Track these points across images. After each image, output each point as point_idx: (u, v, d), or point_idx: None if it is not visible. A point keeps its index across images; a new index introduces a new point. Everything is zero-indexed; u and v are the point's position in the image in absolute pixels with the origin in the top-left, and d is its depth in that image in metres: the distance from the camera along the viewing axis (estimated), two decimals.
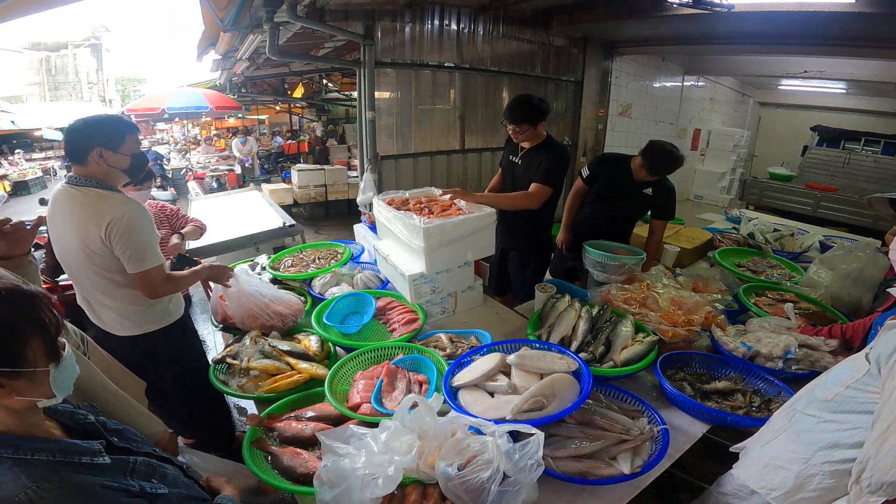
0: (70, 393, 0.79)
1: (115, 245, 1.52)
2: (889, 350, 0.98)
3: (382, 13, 3.93)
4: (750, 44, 4.66)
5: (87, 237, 1.52)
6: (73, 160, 1.55)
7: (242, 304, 1.81)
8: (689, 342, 1.76)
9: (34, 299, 0.73)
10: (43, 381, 0.73)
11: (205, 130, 14.61)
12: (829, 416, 1.09)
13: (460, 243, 2.03)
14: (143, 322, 1.74)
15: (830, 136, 7.81)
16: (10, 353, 0.69)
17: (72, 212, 1.53)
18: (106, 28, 20.20)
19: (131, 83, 29.70)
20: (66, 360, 0.77)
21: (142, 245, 1.55)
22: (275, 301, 1.87)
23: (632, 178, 2.51)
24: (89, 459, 0.76)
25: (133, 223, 1.53)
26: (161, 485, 0.83)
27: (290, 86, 10.21)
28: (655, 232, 2.63)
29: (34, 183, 11.06)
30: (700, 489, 1.66)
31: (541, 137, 2.42)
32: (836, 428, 1.07)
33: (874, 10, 3.11)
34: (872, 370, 1.02)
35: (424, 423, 1.09)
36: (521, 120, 2.31)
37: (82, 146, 1.52)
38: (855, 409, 1.05)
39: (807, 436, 1.12)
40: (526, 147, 2.46)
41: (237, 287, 1.82)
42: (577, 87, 5.73)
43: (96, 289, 1.65)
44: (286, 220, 3.60)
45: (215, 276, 1.83)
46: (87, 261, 1.57)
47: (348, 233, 3.68)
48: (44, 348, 0.72)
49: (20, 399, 0.71)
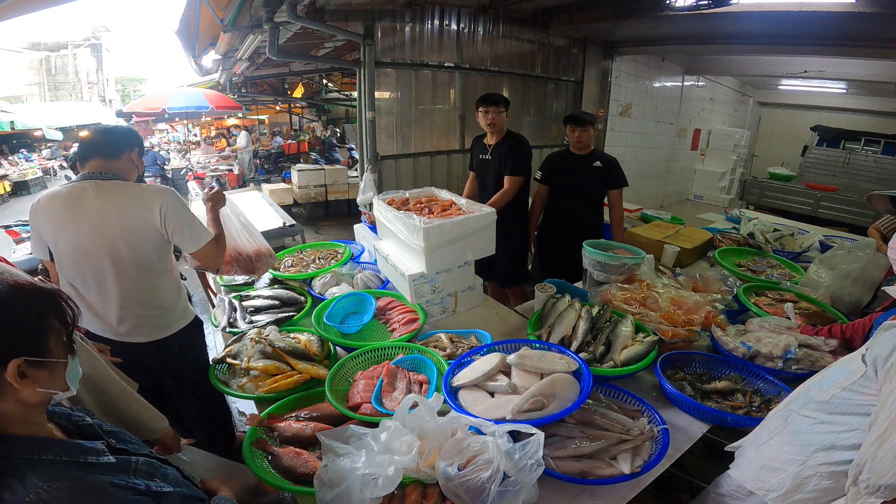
0: (76, 389, 0.81)
1: (171, 227, 1.58)
2: (886, 352, 0.97)
3: (382, 13, 3.93)
4: (750, 44, 4.66)
5: (133, 224, 1.54)
6: (106, 155, 1.60)
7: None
8: (689, 342, 1.75)
9: (54, 294, 0.75)
10: (61, 374, 0.75)
11: (205, 130, 14.61)
12: (825, 417, 1.09)
13: (460, 243, 2.03)
14: (169, 323, 1.75)
15: (830, 136, 7.81)
16: (37, 343, 0.71)
17: (108, 203, 1.53)
18: (106, 28, 20.17)
19: (131, 83, 29.70)
20: (78, 354, 0.79)
21: (194, 222, 1.64)
22: (249, 238, 1.95)
23: (576, 156, 2.87)
24: (95, 458, 0.75)
25: (181, 203, 1.62)
26: (164, 483, 0.83)
27: (290, 86, 10.22)
28: (616, 203, 2.92)
29: (34, 183, 11.06)
30: (700, 489, 1.66)
31: (504, 132, 2.79)
32: (832, 429, 1.07)
33: (874, 10, 3.11)
34: (869, 372, 1.02)
35: (424, 423, 1.09)
36: (498, 101, 2.70)
37: (120, 143, 1.63)
38: (851, 410, 1.04)
39: (803, 437, 1.12)
40: (492, 143, 2.80)
41: (224, 214, 1.89)
42: (577, 87, 5.73)
43: (125, 289, 1.60)
44: (286, 220, 3.60)
45: (221, 201, 1.89)
46: (124, 253, 1.55)
47: (348, 233, 3.68)
48: (63, 341, 0.75)
49: (40, 391, 0.72)
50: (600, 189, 2.91)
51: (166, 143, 14.56)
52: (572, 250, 2.43)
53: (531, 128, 5.34)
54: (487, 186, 2.86)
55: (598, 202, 2.97)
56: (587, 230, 2.70)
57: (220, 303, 2.08)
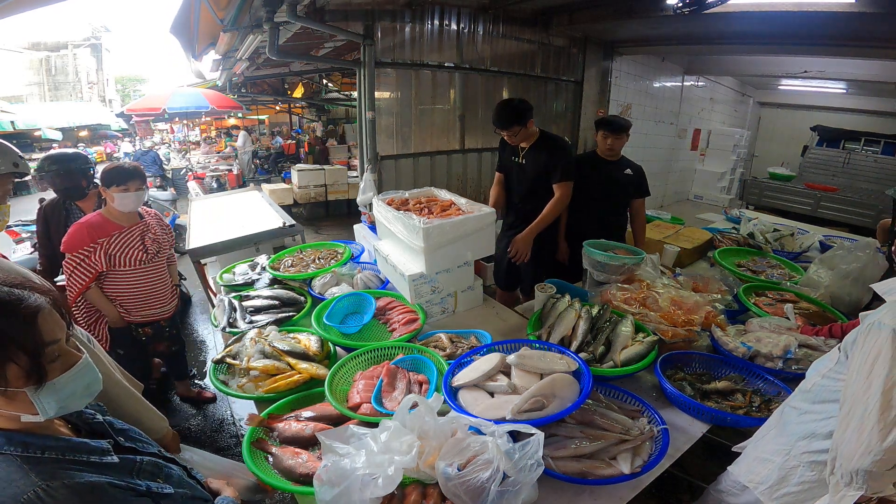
0: (70, 410, 0.75)
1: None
2: (853, 337, 0.99)
3: (382, 13, 3.93)
4: (750, 44, 4.66)
5: None
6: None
7: None
8: (689, 342, 1.76)
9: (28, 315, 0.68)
10: (22, 399, 0.69)
11: (204, 128, 14.61)
12: (808, 406, 1.11)
13: (460, 243, 2.03)
14: None
15: (830, 136, 7.82)
16: None
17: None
18: (106, 28, 20.19)
19: (131, 83, 29.69)
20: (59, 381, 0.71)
21: None
22: None
23: (607, 162, 2.76)
24: (98, 458, 0.75)
25: None
26: (166, 485, 0.83)
27: (290, 86, 10.21)
28: (640, 212, 2.85)
29: (34, 183, 11.05)
30: (700, 489, 1.66)
31: (535, 134, 2.56)
32: (812, 418, 1.08)
33: (874, 10, 3.11)
34: (842, 358, 1.04)
35: (424, 423, 1.09)
36: (509, 124, 2.43)
37: None
38: (828, 398, 1.06)
39: (790, 427, 1.14)
40: (525, 147, 2.57)
41: None
42: (577, 87, 5.73)
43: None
44: (286, 220, 3.60)
45: None
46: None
47: (348, 233, 3.68)
48: (28, 369, 0.68)
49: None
50: (629, 197, 2.84)
51: (165, 143, 14.58)
52: None
53: None
54: (521, 192, 2.67)
55: (625, 209, 2.90)
56: (616, 237, 2.64)
57: (220, 303, 2.08)
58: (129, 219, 2.25)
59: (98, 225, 2.16)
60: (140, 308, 2.34)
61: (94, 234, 2.13)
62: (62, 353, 0.73)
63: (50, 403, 0.70)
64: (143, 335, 2.41)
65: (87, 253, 2.12)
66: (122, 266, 2.21)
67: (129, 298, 2.30)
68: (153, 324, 2.41)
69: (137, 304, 2.32)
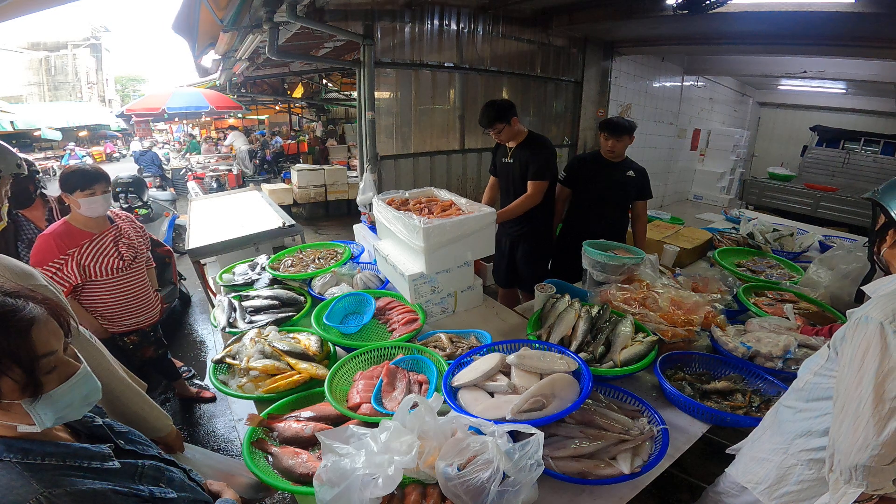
0: (68, 420, 0.74)
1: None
2: (841, 333, 0.99)
3: (382, 13, 3.93)
4: (750, 44, 4.66)
5: None
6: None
7: None
8: (689, 342, 1.76)
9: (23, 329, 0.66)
10: (18, 410, 0.67)
11: (204, 130, 14.60)
12: (802, 405, 1.11)
13: (460, 243, 2.03)
14: None
15: (830, 136, 7.82)
16: None
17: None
18: (106, 28, 20.20)
19: (131, 83, 29.70)
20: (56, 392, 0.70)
21: None
22: None
23: (610, 163, 2.77)
24: (99, 464, 0.74)
25: None
26: (169, 489, 0.83)
27: (290, 86, 10.21)
28: (641, 214, 2.86)
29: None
30: (700, 489, 1.66)
31: (522, 134, 2.66)
32: (808, 416, 1.08)
33: (874, 10, 3.12)
34: (831, 354, 1.04)
35: (424, 423, 1.09)
36: (492, 122, 2.55)
37: None
38: (822, 395, 1.06)
39: (785, 426, 1.14)
40: (513, 146, 2.69)
41: None
42: (577, 88, 5.73)
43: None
44: (286, 220, 3.60)
45: None
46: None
47: (348, 233, 3.68)
48: (22, 381, 0.66)
49: None
50: (631, 198, 2.85)
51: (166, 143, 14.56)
52: None
53: (531, 128, 5.29)
54: (510, 192, 2.76)
55: (627, 211, 2.91)
56: (617, 238, 2.64)
57: (220, 303, 2.07)
58: (99, 224, 2.08)
59: (65, 234, 1.98)
60: (122, 318, 2.23)
61: (62, 246, 1.95)
62: (59, 363, 0.71)
63: (47, 414, 0.69)
64: (129, 343, 2.31)
65: (57, 265, 1.95)
66: (98, 276, 2.06)
67: (109, 309, 2.17)
68: (138, 331, 2.33)
69: (119, 314, 2.21)
